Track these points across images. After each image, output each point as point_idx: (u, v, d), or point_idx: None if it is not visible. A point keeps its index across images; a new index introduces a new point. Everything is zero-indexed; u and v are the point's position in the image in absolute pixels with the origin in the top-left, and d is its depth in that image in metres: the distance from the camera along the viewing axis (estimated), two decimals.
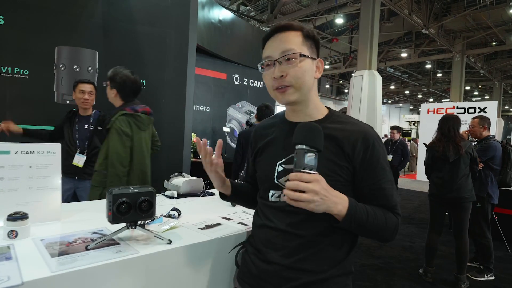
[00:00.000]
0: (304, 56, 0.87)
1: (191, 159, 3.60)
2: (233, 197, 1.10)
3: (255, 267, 0.94)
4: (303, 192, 0.74)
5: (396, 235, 0.90)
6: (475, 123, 3.34)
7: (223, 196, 1.11)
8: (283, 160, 0.93)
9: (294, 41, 0.88)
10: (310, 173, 0.75)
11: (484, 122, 3.31)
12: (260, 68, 0.93)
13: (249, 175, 1.16)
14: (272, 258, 0.90)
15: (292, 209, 0.88)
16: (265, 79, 0.92)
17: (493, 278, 3.15)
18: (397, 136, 6.04)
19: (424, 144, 3.22)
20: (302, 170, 0.75)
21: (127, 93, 2.01)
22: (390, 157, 5.86)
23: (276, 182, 0.93)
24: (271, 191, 0.95)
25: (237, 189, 1.10)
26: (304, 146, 0.75)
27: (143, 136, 2.04)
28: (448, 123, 2.91)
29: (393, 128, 6.26)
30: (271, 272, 0.89)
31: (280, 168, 0.93)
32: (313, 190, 0.74)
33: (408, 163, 14.57)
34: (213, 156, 1.00)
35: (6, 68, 2.66)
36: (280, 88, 0.88)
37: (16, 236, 0.98)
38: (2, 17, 2.62)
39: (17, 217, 0.99)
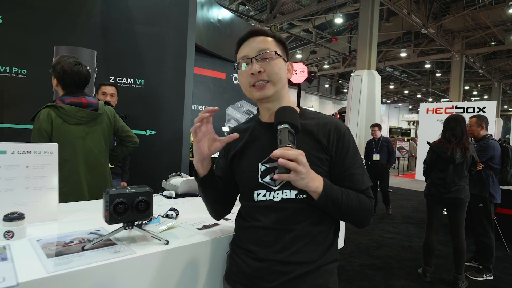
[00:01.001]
0: (279, 55, 0.95)
1: (190, 159, 3.59)
2: (208, 179, 0.99)
3: (247, 266, 0.95)
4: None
5: (371, 219, 0.95)
6: (473, 122, 3.33)
7: (196, 175, 1.00)
8: (265, 160, 0.95)
9: (269, 42, 0.96)
10: (295, 148, 0.80)
11: (481, 121, 3.30)
12: (236, 67, 0.99)
13: (218, 175, 1.08)
14: (265, 256, 0.92)
15: (279, 206, 0.92)
16: (242, 76, 0.97)
17: (492, 278, 3.16)
18: (379, 133, 5.74)
19: (427, 142, 3.18)
20: (288, 145, 0.80)
21: (67, 83, 1.87)
22: (377, 156, 5.62)
23: (261, 181, 0.95)
24: (256, 191, 0.96)
25: (213, 174, 1.01)
26: (287, 125, 0.83)
27: (74, 130, 1.84)
28: (461, 125, 2.87)
29: (374, 126, 5.90)
30: (265, 268, 0.91)
31: (263, 168, 0.95)
32: (301, 161, 0.77)
33: (408, 162, 14.59)
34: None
35: (4, 67, 2.65)
36: (258, 84, 0.93)
37: (12, 237, 0.98)
38: (0, 17, 2.61)
39: (13, 217, 0.99)
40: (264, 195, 0.94)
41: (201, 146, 0.93)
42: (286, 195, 0.92)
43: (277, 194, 0.92)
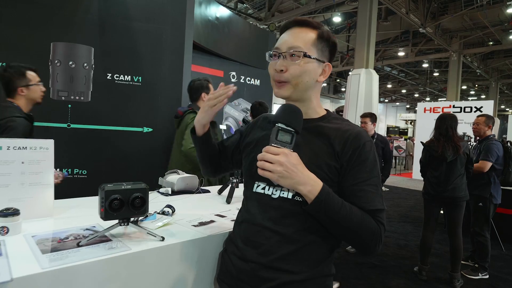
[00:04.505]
0: (308, 57, 0.87)
1: None
2: (203, 139, 1.08)
3: (233, 267, 0.93)
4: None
5: (378, 247, 0.84)
6: (481, 121, 3.33)
7: (193, 132, 1.09)
8: None
9: (305, 39, 0.88)
10: (279, 147, 0.80)
11: (489, 121, 3.32)
12: (268, 56, 0.94)
13: (223, 143, 1.16)
14: (250, 256, 0.89)
15: (274, 203, 0.88)
16: (269, 68, 0.93)
17: (487, 276, 3.17)
18: (371, 128, 3.81)
19: (421, 142, 3.21)
20: (272, 144, 0.80)
21: None
22: None
23: (257, 165, 0.92)
24: (256, 182, 0.94)
25: (209, 137, 1.10)
26: (279, 124, 0.81)
27: (176, 134, 2.55)
28: (446, 123, 2.90)
29: (364, 116, 3.91)
30: (249, 271, 0.88)
31: None
32: (278, 161, 0.77)
33: (405, 160, 14.62)
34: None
35: (0, 63, 2.63)
36: (279, 82, 0.90)
37: (7, 232, 0.98)
38: None
39: (9, 213, 0.99)
40: (263, 188, 0.92)
41: (214, 111, 1.02)
42: (283, 194, 0.88)
43: (276, 190, 0.89)
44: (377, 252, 0.85)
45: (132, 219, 1.03)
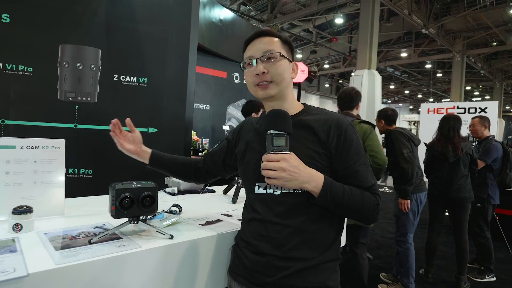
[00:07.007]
0: (283, 56, 0.97)
1: (192, 156, 3.61)
2: (151, 163, 1.25)
3: (248, 260, 0.97)
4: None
5: (378, 216, 0.95)
6: (476, 122, 3.34)
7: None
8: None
9: (274, 43, 0.98)
10: (278, 153, 0.84)
11: (484, 121, 3.31)
12: (242, 67, 1.01)
13: (211, 153, 1.22)
14: (264, 250, 0.93)
15: (278, 199, 0.93)
16: (247, 76, 1.00)
17: (494, 279, 3.15)
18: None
19: (424, 143, 3.22)
20: (271, 152, 0.85)
21: None
22: None
23: (262, 174, 0.96)
24: (257, 184, 0.98)
25: (155, 157, 1.24)
26: (271, 131, 0.85)
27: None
28: (449, 124, 2.89)
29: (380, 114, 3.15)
30: (264, 263, 0.93)
31: None
32: (280, 167, 0.83)
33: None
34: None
35: (10, 65, 2.67)
36: (262, 84, 0.96)
37: (20, 230, 1.00)
38: (7, 16, 2.63)
39: (22, 210, 1.01)
40: (265, 188, 0.96)
41: (124, 146, 1.25)
42: (284, 189, 0.93)
43: (277, 188, 0.94)
44: (378, 219, 0.95)
45: (141, 217, 1.05)
